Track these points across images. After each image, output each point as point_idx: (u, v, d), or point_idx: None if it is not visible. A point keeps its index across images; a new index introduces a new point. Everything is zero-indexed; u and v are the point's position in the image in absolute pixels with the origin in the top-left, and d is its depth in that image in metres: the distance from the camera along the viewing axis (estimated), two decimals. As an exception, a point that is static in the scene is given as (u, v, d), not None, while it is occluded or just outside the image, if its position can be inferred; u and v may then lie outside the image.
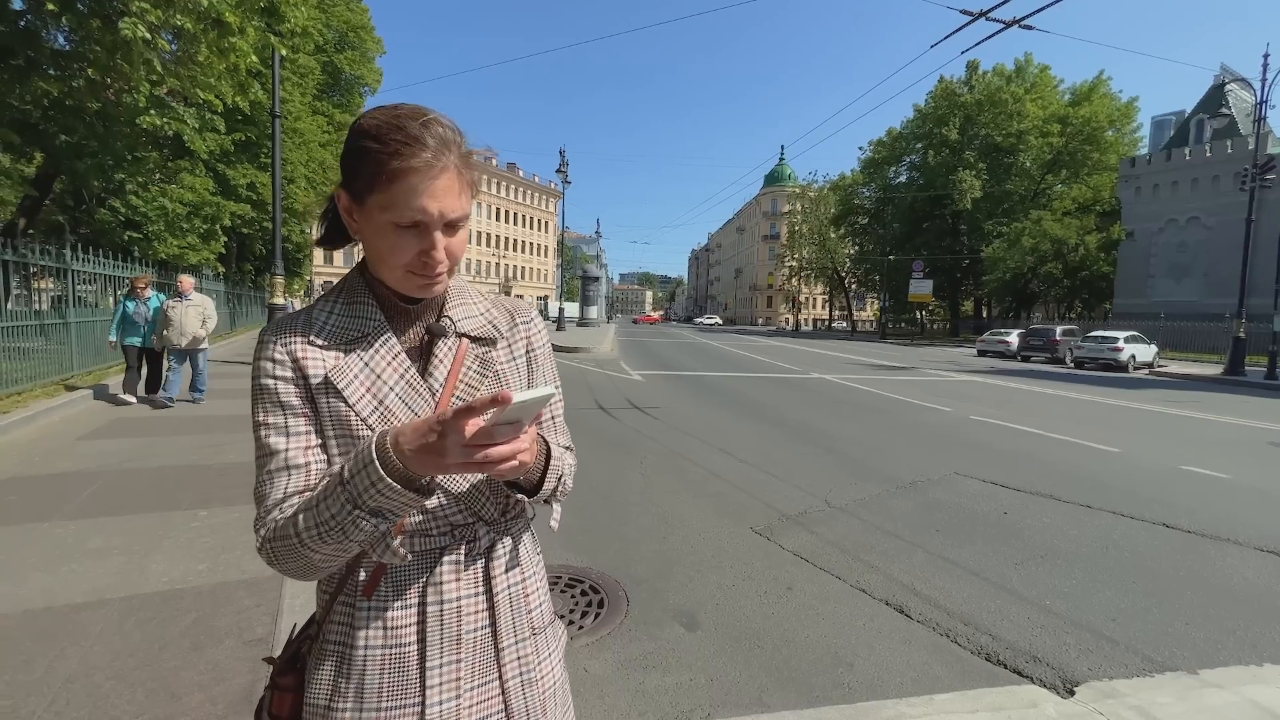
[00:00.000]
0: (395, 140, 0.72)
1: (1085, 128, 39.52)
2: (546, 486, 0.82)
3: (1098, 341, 20.97)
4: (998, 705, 2.26)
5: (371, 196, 0.74)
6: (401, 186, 0.72)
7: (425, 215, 0.73)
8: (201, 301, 7.71)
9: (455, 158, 0.75)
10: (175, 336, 7.37)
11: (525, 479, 0.81)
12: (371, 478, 0.66)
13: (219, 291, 19.24)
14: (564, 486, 0.86)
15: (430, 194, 0.73)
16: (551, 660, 0.91)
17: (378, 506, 0.67)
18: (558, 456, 0.84)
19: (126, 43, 6.96)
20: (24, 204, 13.94)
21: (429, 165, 0.73)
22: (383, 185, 0.73)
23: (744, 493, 4.82)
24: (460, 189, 0.76)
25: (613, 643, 2.62)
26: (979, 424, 8.36)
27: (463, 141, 0.78)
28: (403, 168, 0.72)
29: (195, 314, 7.51)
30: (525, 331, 0.93)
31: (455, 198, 0.75)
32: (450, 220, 0.76)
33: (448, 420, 0.62)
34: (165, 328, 7.38)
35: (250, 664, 2.28)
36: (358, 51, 25.23)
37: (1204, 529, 4.27)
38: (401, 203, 0.73)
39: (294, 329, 0.80)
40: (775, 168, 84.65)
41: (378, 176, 0.73)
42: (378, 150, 0.73)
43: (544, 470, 0.81)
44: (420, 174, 0.72)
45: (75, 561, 3.10)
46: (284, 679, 0.86)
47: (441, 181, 0.73)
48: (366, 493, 0.66)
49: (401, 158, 0.72)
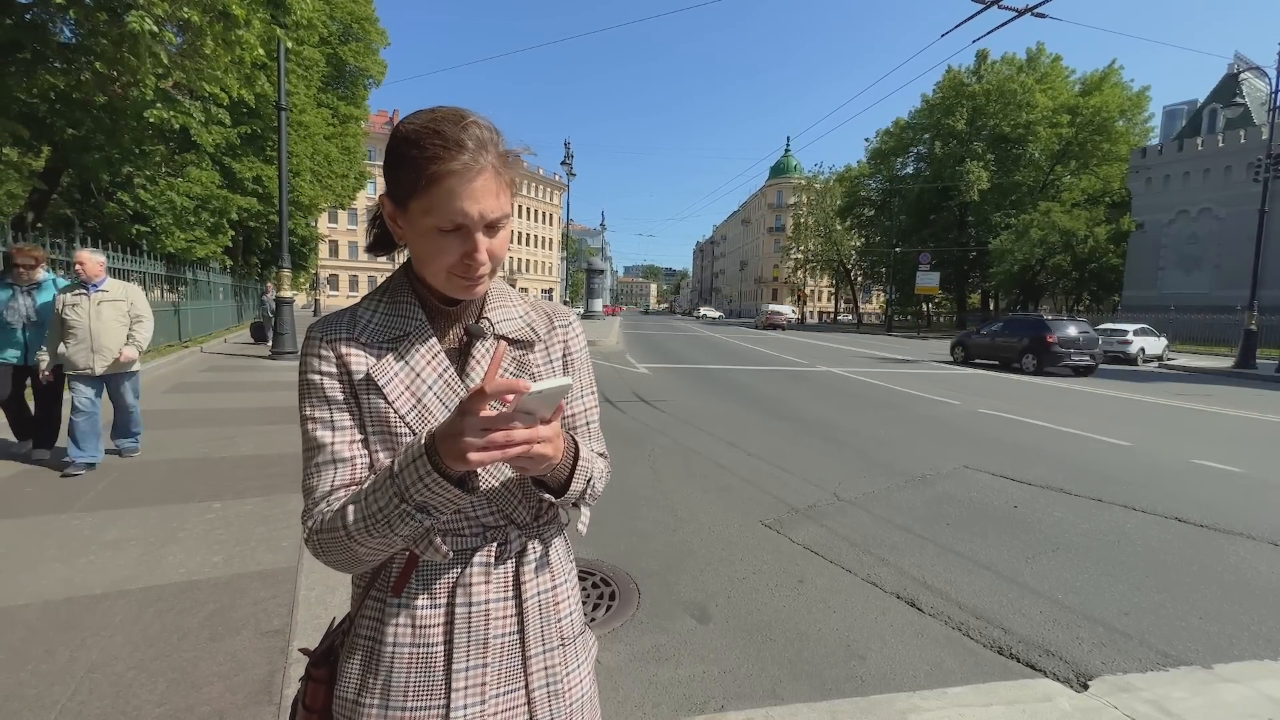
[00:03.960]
0: (433, 144, 0.73)
1: (1095, 118, 39.00)
2: (574, 488, 0.82)
3: (1107, 334, 20.82)
4: (1012, 699, 2.26)
5: (413, 201, 0.75)
6: (440, 190, 0.73)
7: (465, 218, 0.74)
8: (124, 294, 4.62)
9: (493, 158, 0.76)
10: (80, 353, 4.38)
11: (552, 478, 0.80)
12: (420, 472, 0.68)
13: (225, 285, 19.34)
14: (593, 490, 0.86)
15: (469, 196, 0.73)
16: (580, 671, 0.90)
17: (424, 501, 0.69)
18: (586, 458, 0.83)
19: (133, 36, 6.97)
20: (32, 197, 14.02)
21: (467, 168, 0.73)
22: (423, 190, 0.74)
23: (753, 486, 4.82)
24: (499, 189, 0.77)
25: (625, 635, 2.64)
26: (987, 417, 8.33)
27: (501, 141, 0.79)
28: (441, 171, 0.73)
29: (114, 315, 4.52)
30: (563, 335, 0.93)
31: (494, 198, 0.76)
32: (490, 221, 0.76)
33: (464, 402, 0.65)
34: (64, 338, 4.39)
35: (268, 654, 2.31)
36: (362, 43, 25.11)
37: (1216, 523, 4.25)
38: (442, 206, 0.73)
39: (339, 326, 0.82)
40: (781, 159, 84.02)
41: (417, 181, 0.74)
42: (416, 155, 0.74)
43: (572, 470, 0.81)
44: (458, 176, 0.73)
45: (93, 553, 3.13)
46: (318, 671, 0.86)
47: (479, 183, 0.74)
48: (414, 486, 0.68)
49: (440, 161, 0.73)
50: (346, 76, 25.63)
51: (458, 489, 0.69)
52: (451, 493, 0.69)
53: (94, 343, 4.42)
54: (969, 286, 46.11)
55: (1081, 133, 39.68)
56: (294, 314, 12.38)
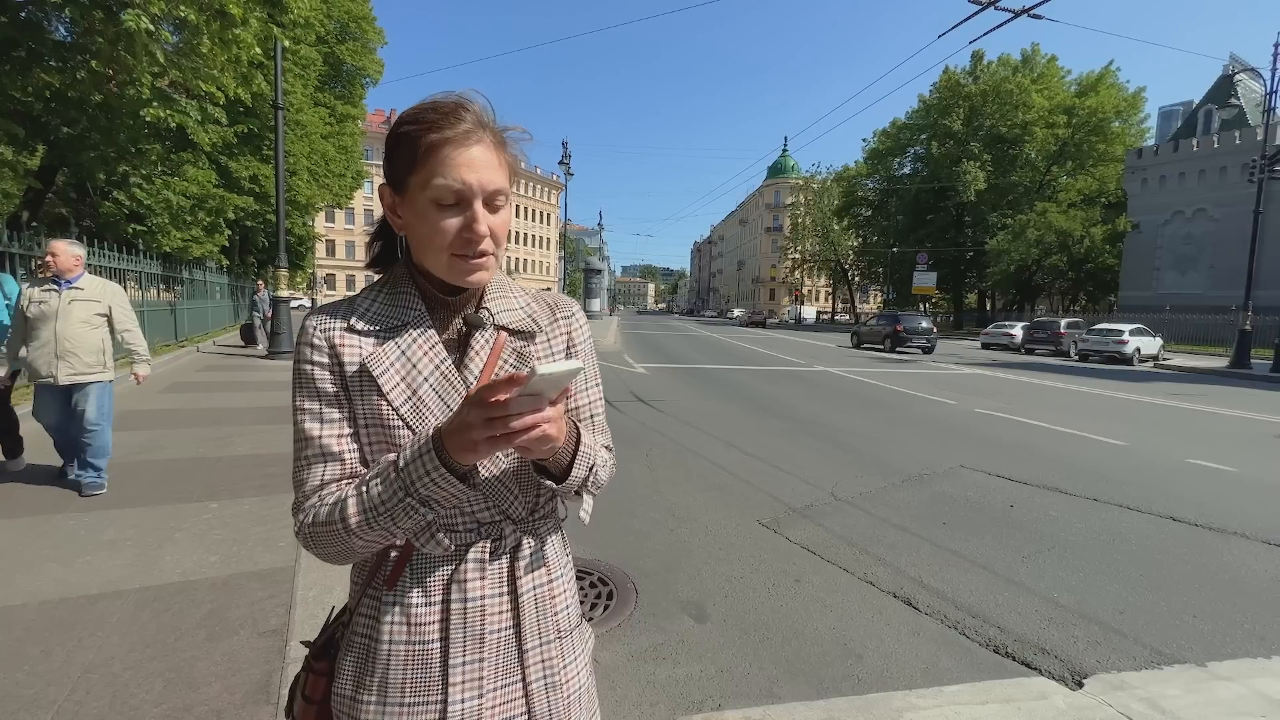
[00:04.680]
0: (430, 116, 0.74)
1: (1091, 118, 39.15)
2: (576, 474, 0.81)
3: (1102, 334, 20.91)
4: (1007, 697, 2.28)
5: (412, 178, 0.76)
6: (437, 158, 0.73)
7: (463, 185, 0.74)
8: (101, 293, 4.00)
9: (490, 135, 0.77)
10: (42, 359, 3.80)
11: (554, 463, 0.79)
12: (427, 465, 0.68)
13: (222, 284, 19.28)
14: (595, 478, 0.85)
15: (468, 164, 0.74)
16: (578, 664, 0.90)
17: (428, 495, 0.69)
18: (588, 444, 0.83)
19: (129, 34, 6.95)
20: (27, 196, 13.94)
21: (464, 136, 0.74)
22: (420, 161, 0.74)
23: (750, 485, 4.83)
24: (498, 163, 0.77)
25: (623, 634, 2.65)
26: (984, 417, 8.35)
27: (498, 124, 0.80)
28: (438, 139, 0.73)
29: (84, 316, 3.88)
30: (566, 326, 0.91)
31: (494, 170, 0.76)
32: (490, 192, 0.76)
33: (471, 395, 0.65)
34: (28, 339, 3.86)
35: (265, 654, 2.31)
36: (359, 42, 25.05)
37: (1211, 522, 4.27)
38: (439, 174, 0.73)
39: (335, 315, 0.82)
40: (778, 159, 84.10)
41: (415, 154, 0.74)
42: (413, 129, 0.75)
43: (573, 455, 0.80)
44: (455, 144, 0.74)
45: (89, 553, 3.12)
46: (318, 663, 0.87)
47: (477, 151, 0.75)
48: (420, 480, 0.69)
49: (437, 130, 0.74)
50: (344, 75, 25.57)
51: (462, 484, 0.69)
52: (456, 487, 0.69)
53: (58, 346, 3.81)
54: (966, 286, 46.23)
55: (1078, 133, 39.83)
56: (289, 313, 12.35)
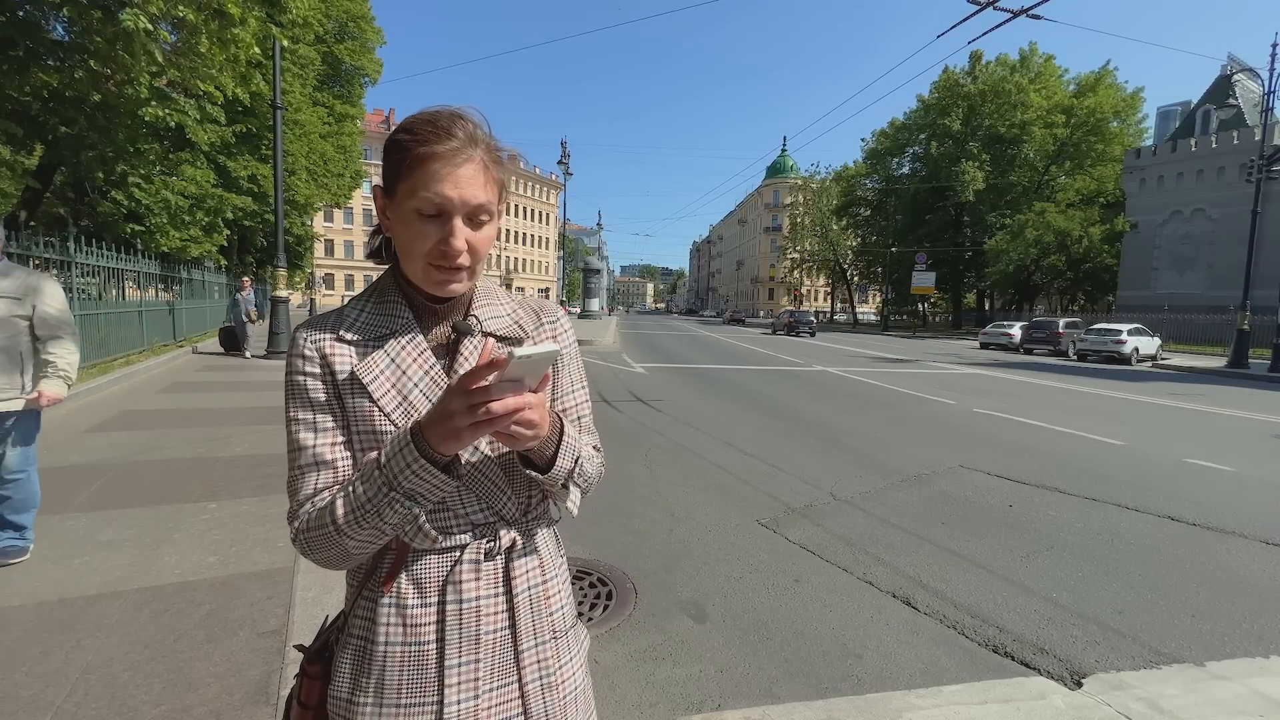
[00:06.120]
0: (424, 130, 0.76)
1: (1090, 119, 39.19)
2: (561, 464, 0.80)
3: (1101, 334, 20.94)
4: (1006, 697, 2.28)
5: (400, 185, 0.77)
6: (425, 171, 0.75)
7: (445, 200, 0.75)
8: (24, 288, 2.75)
9: (482, 152, 0.78)
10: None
11: (539, 454, 0.79)
12: (407, 459, 0.70)
13: (220, 284, 19.24)
14: (581, 469, 0.85)
15: (453, 181, 0.75)
16: (573, 664, 0.90)
17: (412, 488, 0.71)
18: (571, 435, 0.82)
19: (128, 34, 6.93)
20: (25, 196, 13.91)
21: (454, 153, 0.75)
22: (408, 170, 0.76)
23: (749, 485, 4.83)
24: (485, 182, 0.78)
25: (622, 634, 2.64)
26: (983, 417, 8.36)
27: (491, 142, 0.81)
28: (428, 153, 0.75)
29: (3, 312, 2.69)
30: (551, 331, 0.92)
31: (479, 188, 0.77)
32: (472, 208, 0.77)
33: (451, 384, 0.67)
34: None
35: (264, 655, 2.31)
36: (358, 42, 25.03)
37: (1209, 522, 4.28)
38: (423, 187, 0.75)
39: (324, 326, 0.83)
40: (777, 159, 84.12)
41: (405, 163, 0.76)
42: (407, 139, 0.77)
43: (557, 446, 0.80)
44: (444, 160, 0.75)
45: (88, 554, 3.12)
46: (313, 667, 0.87)
47: (465, 170, 0.76)
48: (402, 474, 0.70)
49: (427, 144, 0.75)
50: (342, 75, 25.55)
51: (444, 474, 0.71)
52: (438, 479, 0.71)
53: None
54: (965, 286, 46.27)
55: (1076, 133, 39.87)
56: (289, 313, 12.34)
